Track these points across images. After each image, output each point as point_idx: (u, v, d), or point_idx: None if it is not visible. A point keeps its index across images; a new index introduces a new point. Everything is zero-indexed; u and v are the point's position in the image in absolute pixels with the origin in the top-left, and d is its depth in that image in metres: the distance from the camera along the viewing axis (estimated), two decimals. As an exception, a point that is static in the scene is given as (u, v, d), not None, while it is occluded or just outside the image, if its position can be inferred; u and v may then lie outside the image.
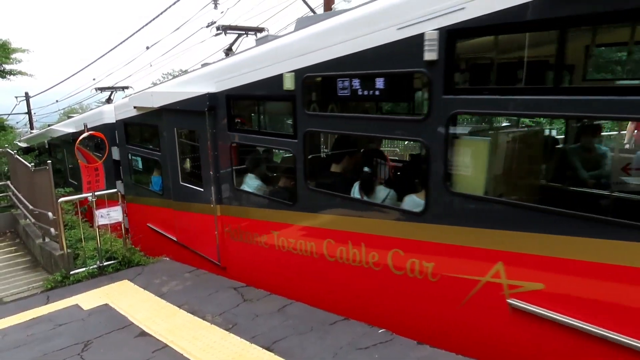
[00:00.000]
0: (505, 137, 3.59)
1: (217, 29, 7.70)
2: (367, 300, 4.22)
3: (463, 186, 3.45)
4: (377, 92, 3.89)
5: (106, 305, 5.19)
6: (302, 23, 4.94)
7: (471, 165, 3.45)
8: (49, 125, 17.04)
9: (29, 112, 28.21)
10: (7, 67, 16.14)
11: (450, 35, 3.22)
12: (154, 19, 12.32)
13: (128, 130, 8.14)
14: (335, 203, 4.49)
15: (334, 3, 9.45)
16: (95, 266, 6.35)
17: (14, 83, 16.82)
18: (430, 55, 3.31)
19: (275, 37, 5.64)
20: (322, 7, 9.64)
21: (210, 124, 5.72)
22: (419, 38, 3.35)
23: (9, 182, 10.91)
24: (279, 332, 4.21)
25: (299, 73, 4.46)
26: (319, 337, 4.07)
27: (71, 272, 6.20)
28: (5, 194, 11.35)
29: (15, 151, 12.62)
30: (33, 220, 8.01)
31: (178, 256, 6.79)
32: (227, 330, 4.34)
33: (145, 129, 8.03)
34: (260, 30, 7.92)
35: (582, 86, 3.60)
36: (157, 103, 6.76)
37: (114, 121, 8.55)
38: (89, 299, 5.41)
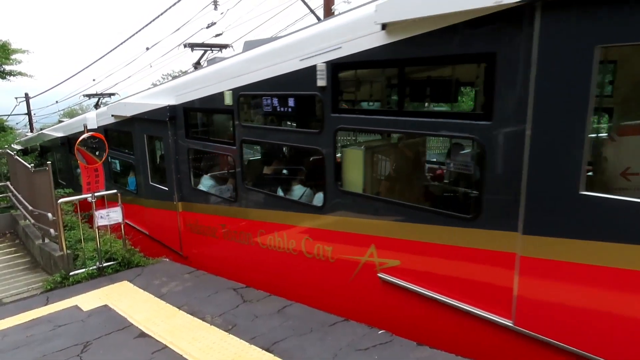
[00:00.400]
0: (374, 148, 4.65)
1: (185, 46, 8.90)
2: (290, 278, 5.18)
3: (347, 185, 4.46)
4: (289, 109, 4.92)
5: (106, 306, 5.19)
6: (248, 46, 5.79)
7: (352, 169, 4.47)
8: (41, 129, 17.42)
9: (28, 113, 28.23)
10: (7, 67, 16.14)
11: (334, 67, 4.21)
12: (154, 19, 12.34)
13: (108, 135, 8.76)
14: (266, 200, 5.51)
15: (333, 4, 9.46)
16: (94, 267, 6.35)
17: (13, 84, 16.82)
18: (321, 82, 4.27)
19: (222, 58, 6.59)
20: (322, 8, 9.65)
21: (172, 131, 6.71)
22: (314, 68, 4.32)
23: (8, 183, 10.91)
24: (279, 333, 4.21)
25: (235, 91, 5.46)
26: (319, 338, 4.07)
27: (71, 273, 6.20)
28: (5, 194, 11.35)
29: (15, 152, 12.65)
30: (33, 221, 8.01)
31: (151, 249, 7.42)
32: (226, 331, 4.34)
33: (122, 135, 8.83)
34: (225, 46, 9.09)
35: (416, 110, 4.52)
36: (129, 112, 7.65)
37: (96, 127, 9.29)
38: (88, 300, 5.40)
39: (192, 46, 8.87)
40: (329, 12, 9.58)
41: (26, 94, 27.66)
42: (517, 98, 3.08)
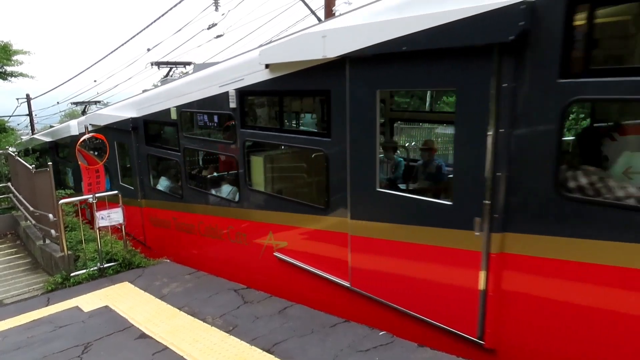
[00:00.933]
0: (270, 156, 5.77)
1: (152, 64, 10.66)
2: (224, 260, 6.35)
3: (254, 184, 5.73)
4: (215, 124, 6.86)
5: (106, 307, 5.19)
6: (196, 68, 7.08)
7: (255, 172, 5.74)
8: (33, 135, 17.99)
9: (30, 114, 28.25)
10: (9, 69, 16.13)
11: (240, 93, 5.49)
12: (155, 20, 12.35)
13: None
14: (202, 196, 6.78)
15: (334, 5, 9.46)
16: (95, 268, 6.35)
17: (15, 85, 16.82)
18: (232, 104, 5.55)
19: (173, 79, 8.17)
20: (324, 9, 9.65)
21: (134, 139, 7.99)
22: (227, 94, 5.58)
23: (9, 184, 10.92)
24: (279, 335, 4.21)
25: (178, 108, 6.72)
26: (320, 340, 4.06)
27: (71, 274, 6.21)
28: (6, 195, 11.36)
29: (16, 153, 12.66)
30: (34, 222, 8.02)
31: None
32: (227, 332, 4.34)
33: None
34: (188, 63, 10.79)
35: (289, 129, 6.02)
36: (103, 122, 8.95)
37: (78, 133, 10.41)
38: (89, 301, 5.41)
39: (158, 64, 10.85)
40: (330, 13, 9.59)
41: (27, 95, 27.69)
42: (342, 122, 4.27)
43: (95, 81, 23.69)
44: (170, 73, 10.85)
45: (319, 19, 9.69)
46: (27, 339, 4.55)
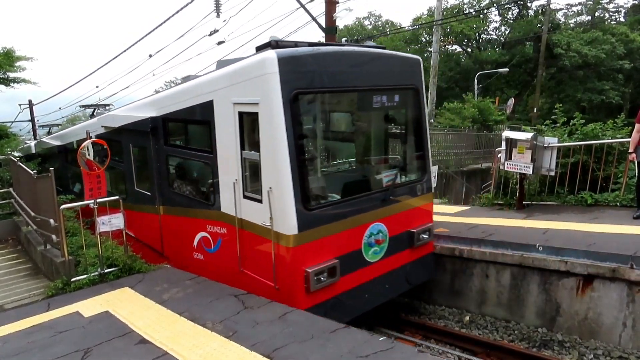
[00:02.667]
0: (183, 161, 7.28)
1: (81, 106, 13.91)
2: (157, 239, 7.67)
3: (175, 186, 7.06)
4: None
5: (107, 312, 5.19)
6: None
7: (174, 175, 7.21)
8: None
9: (32, 120, 28.36)
10: (11, 75, 16.21)
11: (163, 120, 6.97)
12: (157, 27, 12.43)
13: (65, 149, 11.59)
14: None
15: (335, 12, 9.52)
16: (96, 273, 6.35)
17: (17, 91, 16.90)
18: (151, 127, 7.09)
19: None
20: (324, 16, 9.72)
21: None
22: (147, 120, 7.12)
23: (11, 189, 10.94)
24: (279, 340, 4.20)
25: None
26: (320, 345, 4.05)
27: (72, 279, 6.20)
28: (7, 200, 11.37)
29: (18, 158, 12.70)
30: (35, 227, 8.03)
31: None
32: (227, 337, 4.33)
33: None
34: (108, 105, 12.91)
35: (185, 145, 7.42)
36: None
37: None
38: (89, 306, 5.40)
39: (85, 107, 13.80)
40: (331, 20, 9.64)
41: (30, 101, 27.80)
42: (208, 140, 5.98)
43: (97, 87, 23.79)
44: (95, 111, 11.84)
45: (320, 26, 9.75)
46: (27, 344, 4.54)
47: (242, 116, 5.25)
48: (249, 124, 5.23)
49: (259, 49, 5.42)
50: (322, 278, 5.21)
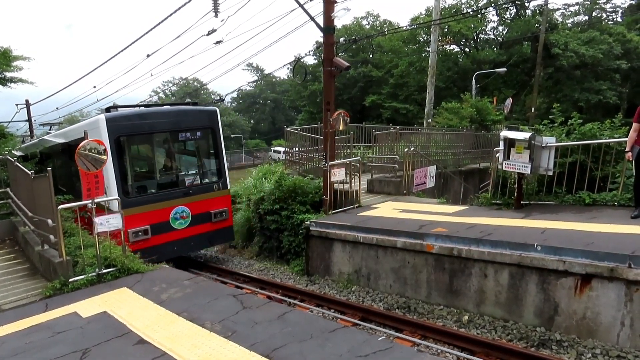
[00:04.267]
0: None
1: (40, 124, 18.93)
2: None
3: (77, 185, 8.92)
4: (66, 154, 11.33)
5: (105, 312, 5.17)
6: (71, 122, 14.95)
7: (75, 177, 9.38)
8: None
9: (29, 120, 28.24)
10: (8, 74, 16.18)
11: (63, 145, 11.01)
12: (154, 27, 12.39)
13: (44, 155, 13.64)
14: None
15: (333, 11, 9.50)
16: (94, 273, 6.33)
17: (14, 90, 16.88)
18: (62, 148, 11.24)
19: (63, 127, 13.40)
20: (322, 16, 9.70)
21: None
22: (59, 145, 11.36)
23: (8, 189, 10.90)
24: (279, 340, 4.20)
25: (66, 143, 10.93)
26: (319, 345, 4.05)
27: (70, 280, 6.18)
28: (5, 201, 11.33)
29: (15, 158, 12.66)
30: (32, 227, 8.00)
31: None
32: (226, 337, 4.33)
33: (46, 155, 13.61)
34: (59, 123, 17.33)
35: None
36: (46, 144, 13.07)
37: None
38: (87, 307, 5.39)
39: (43, 124, 18.67)
40: (329, 20, 9.63)
41: (27, 101, 27.69)
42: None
43: (94, 87, 23.75)
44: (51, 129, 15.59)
45: (319, 26, 9.73)
46: (25, 344, 4.53)
47: None
48: None
49: (107, 110, 9.88)
50: (139, 235, 9.26)
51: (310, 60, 42.39)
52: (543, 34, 28.76)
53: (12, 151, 14.08)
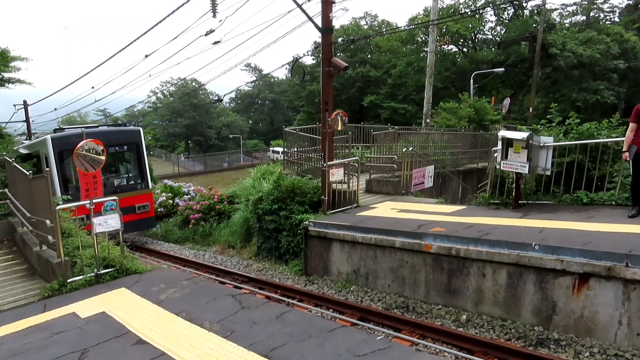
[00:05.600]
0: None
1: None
2: None
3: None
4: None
5: (103, 313, 5.17)
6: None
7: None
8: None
9: (27, 121, 28.20)
10: (6, 75, 16.16)
11: (29, 155, 15.30)
12: (152, 27, 12.36)
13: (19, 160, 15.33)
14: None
15: (331, 11, 9.51)
16: (92, 274, 6.33)
17: (12, 91, 16.86)
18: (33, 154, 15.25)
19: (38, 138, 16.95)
20: (321, 16, 9.71)
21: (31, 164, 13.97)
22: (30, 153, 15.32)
23: (6, 190, 10.90)
24: (277, 340, 4.20)
25: (28, 153, 15.39)
26: (318, 344, 4.06)
27: (68, 280, 6.18)
28: (3, 202, 11.33)
29: (13, 159, 12.68)
30: (30, 228, 7.99)
31: None
32: (225, 337, 4.33)
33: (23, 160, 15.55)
34: (35, 133, 23.40)
35: None
36: (24, 151, 16.07)
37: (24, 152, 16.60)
38: (86, 307, 5.39)
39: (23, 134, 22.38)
40: (327, 20, 9.64)
41: (24, 101, 27.65)
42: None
43: (93, 87, 23.69)
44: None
45: (317, 26, 9.73)
46: (23, 345, 4.52)
47: (46, 157, 13.06)
48: (46, 161, 13.07)
49: (54, 131, 13.76)
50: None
51: (308, 60, 42.49)
52: (541, 34, 28.79)
53: (19, 149, 16.63)
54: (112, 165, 14.43)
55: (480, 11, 35.18)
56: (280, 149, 22.56)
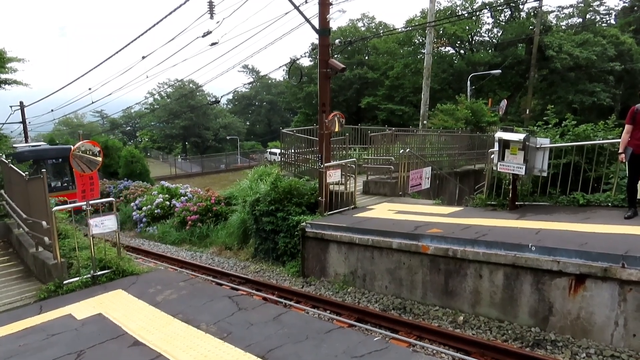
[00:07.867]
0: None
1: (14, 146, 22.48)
2: None
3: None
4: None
5: (100, 314, 5.16)
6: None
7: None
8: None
9: (23, 122, 28.14)
10: (3, 76, 16.08)
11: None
12: (149, 28, 12.36)
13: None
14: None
15: (328, 13, 9.53)
16: (88, 275, 6.31)
17: (8, 92, 16.78)
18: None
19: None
20: (318, 17, 9.73)
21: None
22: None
23: (2, 191, 10.85)
24: (274, 341, 4.20)
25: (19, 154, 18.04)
26: (315, 346, 4.06)
27: (64, 282, 6.16)
28: (-2, 203, 11.29)
29: (9, 160, 12.64)
30: (27, 229, 7.97)
31: None
32: (221, 339, 4.32)
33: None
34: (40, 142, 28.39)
35: None
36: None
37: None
38: (82, 309, 5.37)
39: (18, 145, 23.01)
40: (324, 22, 9.65)
41: (21, 103, 27.57)
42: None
43: (89, 89, 23.61)
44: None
45: (314, 28, 9.75)
46: (19, 347, 4.50)
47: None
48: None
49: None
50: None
51: (305, 62, 42.44)
52: (537, 36, 28.91)
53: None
54: (52, 172, 19.77)
55: (477, 13, 35.31)
56: (278, 151, 22.55)
